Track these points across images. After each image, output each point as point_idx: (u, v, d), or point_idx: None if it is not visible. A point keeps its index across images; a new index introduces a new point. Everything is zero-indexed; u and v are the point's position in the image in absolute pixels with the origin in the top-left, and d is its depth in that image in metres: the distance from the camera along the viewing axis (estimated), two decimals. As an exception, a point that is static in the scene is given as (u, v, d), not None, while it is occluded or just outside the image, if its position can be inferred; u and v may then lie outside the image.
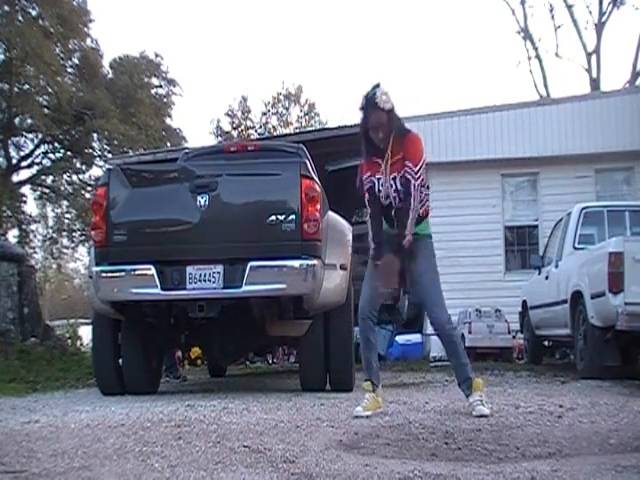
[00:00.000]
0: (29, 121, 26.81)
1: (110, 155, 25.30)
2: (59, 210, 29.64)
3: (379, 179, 4.12)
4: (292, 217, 5.08)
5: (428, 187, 4.22)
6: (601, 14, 23.08)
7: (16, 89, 25.82)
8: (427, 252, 4.21)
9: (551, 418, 3.86)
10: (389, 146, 4.08)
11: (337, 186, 7.95)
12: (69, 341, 10.51)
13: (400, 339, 11.54)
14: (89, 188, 27.32)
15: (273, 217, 5.08)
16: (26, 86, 26.01)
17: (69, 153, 28.37)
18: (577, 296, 7.02)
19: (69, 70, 28.01)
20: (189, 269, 5.12)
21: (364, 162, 4.21)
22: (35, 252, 29.25)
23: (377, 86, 4.05)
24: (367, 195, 4.20)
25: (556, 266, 8.12)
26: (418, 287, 4.25)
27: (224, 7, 68.90)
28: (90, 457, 2.87)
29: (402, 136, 4.09)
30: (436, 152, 11.51)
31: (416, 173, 4.02)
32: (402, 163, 4.05)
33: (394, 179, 4.08)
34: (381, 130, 4.03)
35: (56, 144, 28.20)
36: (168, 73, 30.03)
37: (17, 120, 27.06)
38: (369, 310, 4.21)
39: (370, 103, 4.02)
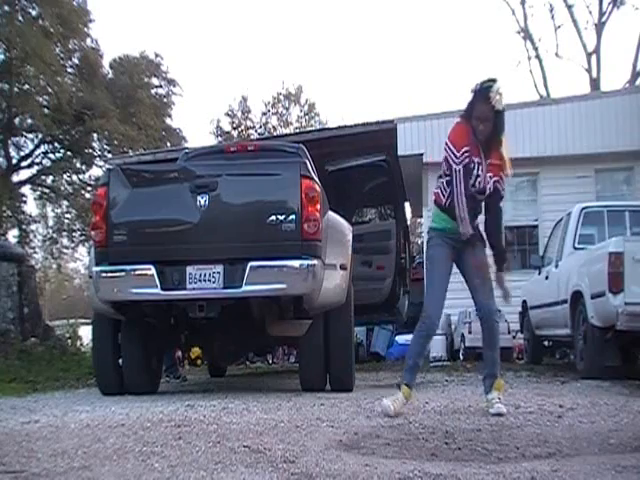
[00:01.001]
0: (29, 121, 26.79)
1: (110, 155, 25.30)
2: (59, 210, 29.64)
3: (479, 164, 4.13)
4: (292, 217, 5.07)
5: None
6: (601, 14, 23.08)
7: (16, 89, 25.79)
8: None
9: (551, 418, 3.87)
10: (493, 145, 4.15)
11: (337, 186, 7.95)
12: (69, 341, 10.51)
13: (400, 339, 11.54)
14: (89, 188, 27.31)
15: (273, 217, 5.08)
16: (26, 86, 25.98)
17: (69, 153, 28.35)
18: (577, 296, 7.02)
19: (69, 70, 27.98)
20: (189, 269, 5.11)
21: (466, 133, 4.12)
22: (35, 252, 29.26)
23: (494, 80, 4.07)
24: (462, 168, 4.06)
25: (556, 266, 8.11)
26: (472, 275, 4.29)
27: (224, 7, 68.91)
28: (90, 457, 2.87)
29: (502, 150, 4.20)
30: (436, 152, 11.48)
31: (504, 189, 4.23)
32: (499, 169, 4.17)
33: (490, 178, 4.17)
34: (483, 124, 4.09)
35: (56, 144, 28.19)
36: (168, 73, 30.06)
37: (17, 120, 27.03)
38: (438, 319, 4.30)
39: (482, 94, 4.05)
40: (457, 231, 4.13)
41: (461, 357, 10.55)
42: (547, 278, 8.40)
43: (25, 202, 28.87)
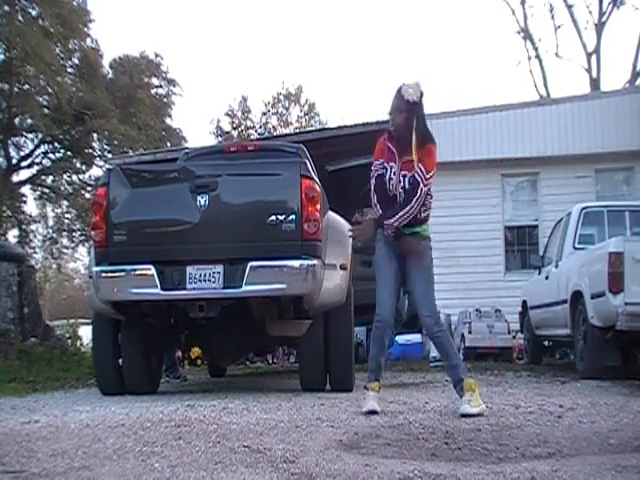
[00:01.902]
0: (29, 121, 26.82)
1: (110, 155, 25.30)
2: (59, 210, 29.68)
3: (392, 167, 4.21)
4: (292, 217, 5.07)
5: (432, 196, 4.35)
6: (601, 14, 23.12)
7: (16, 89, 25.82)
8: (427, 253, 4.33)
9: (551, 418, 3.87)
10: (407, 138, 4.18)
11: (337, 186, 7.95)
12: (69, 341, 10.50)
13: (400, 339, 11.53)
14: (89, 188, 27.33)
15: (273, 217, 5.07)
16: (26, 86, 26.01)
17: (69, 153, 28.38)
18: (577, 296, 7.02)
19: (69, 70, 28.03)
20: (189, 269, 5.11)
21: (382, 146, 4.30)
22: (35, 252, 29.27)
23: (415, 82, 4.22)
24: (374, 180, 4.28)
25: (556, 266, 8.12)
26: (412, 285, 4.33)
27: (224, 7, 68.92)
28: (90, 457, 2.87)
29: (424, 142, 4.22)
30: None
31: (426, 179, 4.17)
32: (413, 165, 4.18)
33: (404, 176, 4.19)
34: (396, 114, 4.19)
35: (56, 144, 28.21)
36: (168, 73, 30.11)
37: (17, 120, 27.06)
38: (390, 317, 4.31)
39: (397, 90, 4.20)
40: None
41: (461, 357, 10.53)
42: (547, 278, 8.40)
43: (25, 202, 28.96)
